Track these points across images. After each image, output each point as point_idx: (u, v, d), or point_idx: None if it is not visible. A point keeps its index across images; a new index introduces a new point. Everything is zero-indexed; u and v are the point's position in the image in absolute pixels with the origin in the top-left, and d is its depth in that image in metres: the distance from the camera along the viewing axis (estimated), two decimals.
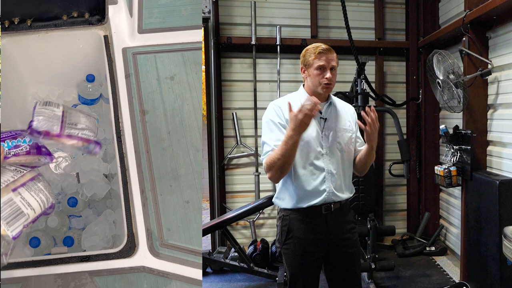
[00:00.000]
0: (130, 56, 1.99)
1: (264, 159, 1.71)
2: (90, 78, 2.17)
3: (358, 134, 1.89)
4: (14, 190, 1.11)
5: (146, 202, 1.62)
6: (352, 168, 1.86)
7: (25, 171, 1.18)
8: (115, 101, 1.88)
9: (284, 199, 1.81)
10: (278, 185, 1.83)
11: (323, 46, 1.74)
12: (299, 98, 1.78)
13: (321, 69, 1.72)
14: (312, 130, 1.73)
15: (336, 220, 1.79)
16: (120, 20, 2.11)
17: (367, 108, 1.72)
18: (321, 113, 1.77)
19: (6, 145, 1.24)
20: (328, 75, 1.71)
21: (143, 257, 1.51)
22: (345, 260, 1.85)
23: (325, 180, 1.74)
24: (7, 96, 1.91)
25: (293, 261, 1.81)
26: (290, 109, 1.58)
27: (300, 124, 1.54)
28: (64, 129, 1.59)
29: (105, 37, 2.07)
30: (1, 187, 1.10)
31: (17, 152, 1.24)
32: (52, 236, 1.87)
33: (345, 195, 1.81)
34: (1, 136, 1.26)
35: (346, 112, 1.85)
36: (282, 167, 1.65)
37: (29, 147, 1.28)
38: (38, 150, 1.31)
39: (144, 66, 1.96)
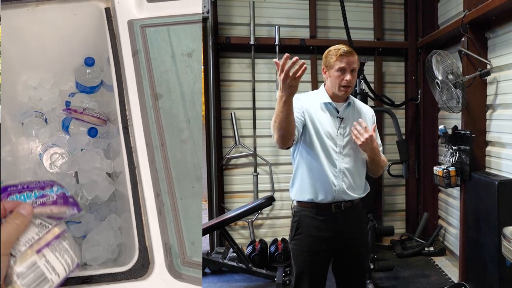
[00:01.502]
0: (137, 30, 1.66)
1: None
2: (89, 62, 1.88)
3: (376, 137, 1.89)
4: (38, 251, 1.00)
5: (162, 209, 1.32)
6: (365, 169, 1.88)
7: (50, 226, 1.07)
8: (120, 84, 1.54)
9: (295, 188, 1.84)
10: (292, 176, 1.87)
11: (344, 48, 1.78)
12: (317, 96, 1.83)
13: (341, 71, 1.76)
14: (328, 127, 1.78)
15: (347, 219, 1.81)
16: None
17: (355, 123, 1.76)
18: (338, 112, 1.81)
19: (33, 194, 1.18)
20: (348, 77, 1.75)
21: (160, 279, 1.21)
22: (353, 261, 1.87)
23: (336, 178, 1.77)
24: None
25: (300, 257, 1.84)
26: (279, 68, 1.49)
27: (286, 84, 1.49)
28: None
29: (107, 9, 1.74)
30: (25, 247, 1.00)
31: (43, 201, 1.16)
32: None
33: (357, 194, 1.83)
34: (30, 186, 1.19)
35: (365, 114, 1.89)
36: (279, 129, 1.61)
37: (56, 197, 1.20)
38: (65, 200, 1.21)
39: (156, 41, 1.63)
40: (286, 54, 1.46)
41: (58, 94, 1.99)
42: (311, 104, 1.80)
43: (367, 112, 1.92)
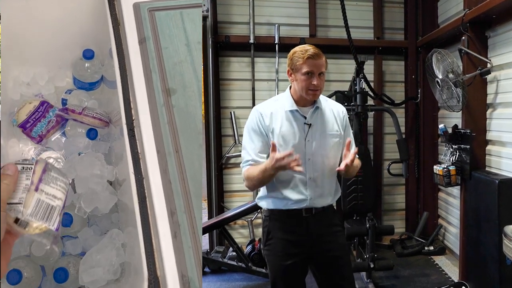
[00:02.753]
0: (145, 14, 1.43)
1: (244, 169, 1.74)
2: (88, 55, 1.68)
3: (349, 134, 1.83)
4: (36, 189, 1.10)
5: (178, 231, 1.09)
6: (335, 174, 1.79)
7: (32, 166, 1.13)
8: (125, 78, 1.31)
9: (266, 201, 1.79)
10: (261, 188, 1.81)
11: (311, 50, 1.66)
12: (283, 104, 1.74)
13: (309, 74, 1.66)
14: (295, 138, 1.70)
15: (318, 223, 1.75)
16: None
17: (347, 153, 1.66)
18: (305, 118, 1.72)
19: (44, 122, 1.60)
20: (315, 81, 1.66)
21: None
22: (330, 264, 1.80)
23: (307, 188, 1.72)
24: None
25: (274, 262, 1.78)
26: (274, 149, 1.56)
27: (280, 168, 1.57)
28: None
29: None
30: (25, 193, 1.10)
31: (52, 126, 1.62)
32: (40, 265, 1.40)
33: (328, 201, 1.77)
34: (41, 115, 1.58)
35: (335, 114, 1.78)
36: (258, 185, 1.75)
37: (55, 118, 1.65)
38: (57, 122, 1.67)
39: (167, 27, 1.40)
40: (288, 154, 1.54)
41: (54, 91, 1.80)
42: (274, 116, 1.71)
43: (339, 112, 1.80)
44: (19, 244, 1.43)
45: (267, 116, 1.72)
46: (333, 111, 1.79)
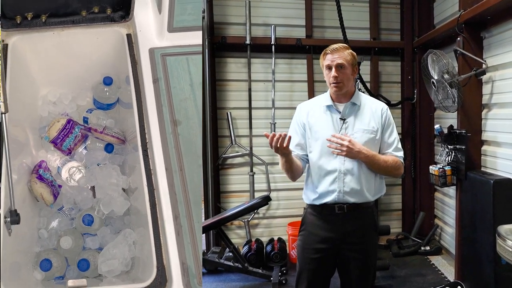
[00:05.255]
0: (158, 58, 1.76)
1: None
2: (108, 81, 2.01)
3: (389, 136, 1.82)
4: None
5: (180, 230, 1.40)
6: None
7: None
8: (141, 108, 1.65)
9: (304, 194, 1.88)
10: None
11: (331, 46, 1.77)
12: (321, 100, 1.85)
13: (329, 69, 1.75)
14: (330, 131, 1.76)
15: (352, 222, 1.77)
16: (147, 17, 1.92)
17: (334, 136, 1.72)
18: (339, 113, 1.79)
19: (72, 138, 1.85)
20: (333, 73, 1.73)
21: None
22: (353, 266, 1.81)
23: (336, 181, 1.75)
24: (15, 99, 1.72)
25: (302, 254, 1.85)
26: (268, 136, 1.66)
27: (278, 150, 1.68)
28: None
29: (128, 36, 1.87)
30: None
31: (78, 140, 1.87)
32: (65, 257, 1.75)
33: (363, 198, 1.77)
34: (68, 133, 1.85)
35: (373, 112, 1.80)
36: (287, 173, 1.82)
37: (80, 134, 1.90)
38: (82, 137, 1.95)
39: (175, 70, 1.73)
40: (271, 135, 1.63)
41: (76, 109, 2.14)
42: (312, 110, 1.83)
43: (377, 109, 1.81)
44: (48, 239, 1.79)
45: (305, 111, 1.84)
46: (372, 108, 1.82)
